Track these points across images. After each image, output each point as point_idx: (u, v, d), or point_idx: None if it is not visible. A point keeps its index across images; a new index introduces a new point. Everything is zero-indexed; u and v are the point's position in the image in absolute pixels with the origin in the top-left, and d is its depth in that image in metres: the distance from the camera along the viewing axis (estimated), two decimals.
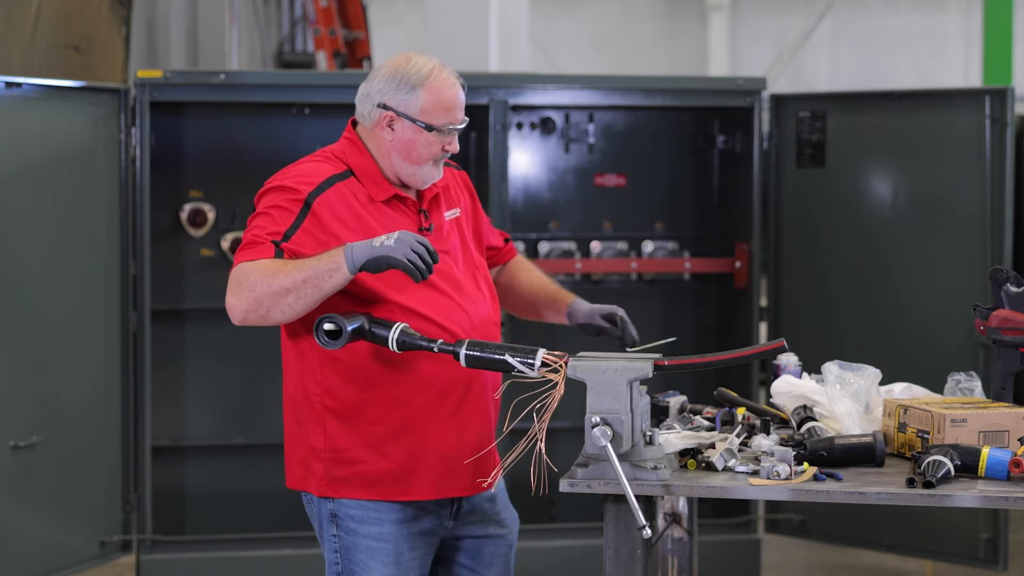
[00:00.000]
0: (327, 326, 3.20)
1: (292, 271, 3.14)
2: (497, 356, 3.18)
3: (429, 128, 3.32)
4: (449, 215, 3.46)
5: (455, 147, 3.36)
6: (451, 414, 3.34)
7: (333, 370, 3.32)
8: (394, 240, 3.15)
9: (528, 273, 3.74)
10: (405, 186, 3.40)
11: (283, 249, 3.20)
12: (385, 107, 3.34)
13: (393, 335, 3.21)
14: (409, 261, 3.14)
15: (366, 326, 3.22)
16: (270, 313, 3.16)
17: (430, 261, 3.17)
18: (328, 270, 3.14)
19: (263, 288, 3.14)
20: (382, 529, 3.36)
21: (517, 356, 3.17)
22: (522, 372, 3.17)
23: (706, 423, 3.58)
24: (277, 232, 3.22)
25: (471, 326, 3.35)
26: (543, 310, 3.69)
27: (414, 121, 3.32)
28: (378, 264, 3.15)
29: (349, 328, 3.18)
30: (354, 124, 3.43)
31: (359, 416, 3.33)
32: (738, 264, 5.95)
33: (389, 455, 3.33)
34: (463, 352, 3.20)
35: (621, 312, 3.57)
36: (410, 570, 3.40)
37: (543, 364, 3.16)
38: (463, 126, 3.38)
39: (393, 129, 3.35)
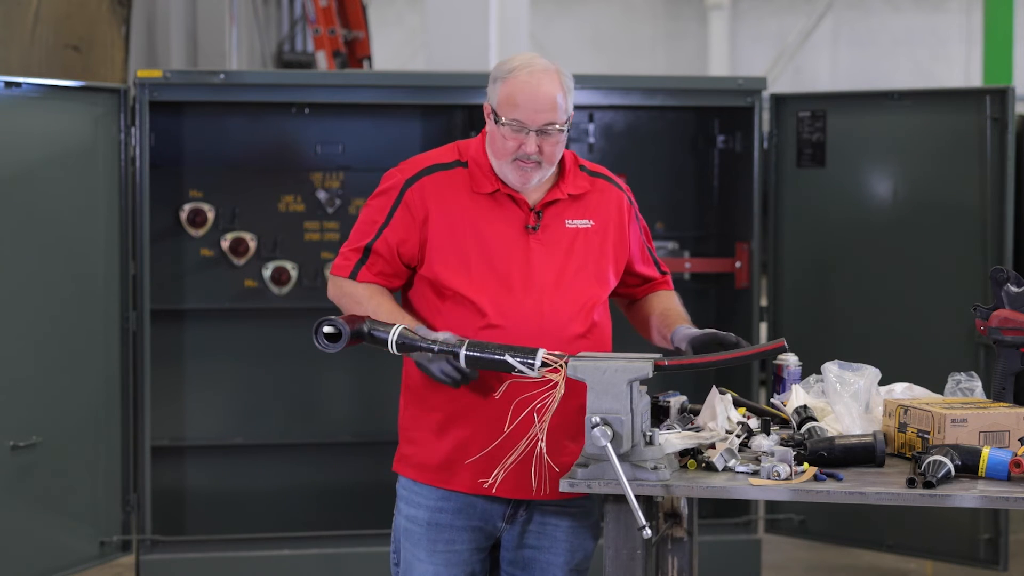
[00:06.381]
0: (326, 329, 3.19)
1: (365, 310, 3.35)
2: (497, 356, 3.18)
3: (497, 120, 3.34)
4: (573, 223, 3.43)
5: (528, 148, 3.31)
6: (496, 414, 3.31)
7: None
8: (430, 358, 3.23)
9: (660, 298, 3.63)
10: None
11: (369, 258, 3.39)
12: (488, 99, 3.40)
13: (392, 337, 3.21)
14: (443, 373, 3.25)
15: (365, 328, 3.22)
16: None
17: (458, 378, 3.24)
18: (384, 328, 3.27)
19: (349, 309, 3.41)
20: (418, 512, 3.44)
21: (517, 356, 3.17)
22: (523, 372, 3.17)
23: None
24: (367, 236, 3.40)
25: (539, 329, 3.31)
26: (654, 332, 3.60)
27: (493, 112, 3.36)
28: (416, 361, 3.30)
29: (348, 330, 3.17)
30: None
31: (424, 399, 3.41)
32: (738, 264, 5.95)
33: (439, 442, 3.39)
34: (463, 352, 3.19)
35: (721, 335, 3.38)
36: (450, 562, 3.42)
37: (543, 364, 3.16)
38: (535, 128, 3.31)
39: (488, 120, 3.39)
